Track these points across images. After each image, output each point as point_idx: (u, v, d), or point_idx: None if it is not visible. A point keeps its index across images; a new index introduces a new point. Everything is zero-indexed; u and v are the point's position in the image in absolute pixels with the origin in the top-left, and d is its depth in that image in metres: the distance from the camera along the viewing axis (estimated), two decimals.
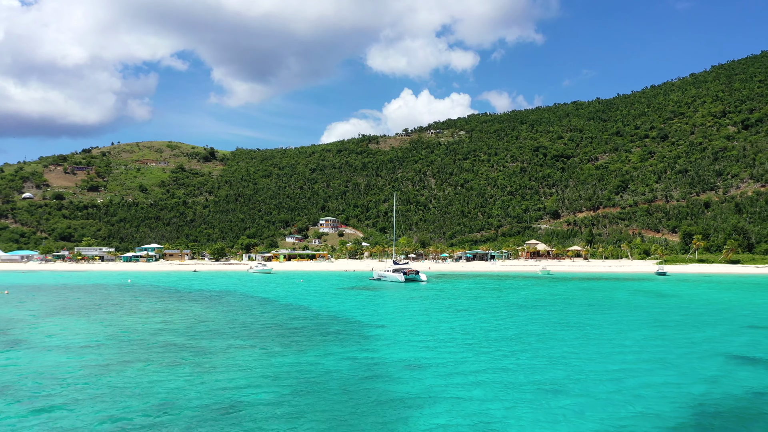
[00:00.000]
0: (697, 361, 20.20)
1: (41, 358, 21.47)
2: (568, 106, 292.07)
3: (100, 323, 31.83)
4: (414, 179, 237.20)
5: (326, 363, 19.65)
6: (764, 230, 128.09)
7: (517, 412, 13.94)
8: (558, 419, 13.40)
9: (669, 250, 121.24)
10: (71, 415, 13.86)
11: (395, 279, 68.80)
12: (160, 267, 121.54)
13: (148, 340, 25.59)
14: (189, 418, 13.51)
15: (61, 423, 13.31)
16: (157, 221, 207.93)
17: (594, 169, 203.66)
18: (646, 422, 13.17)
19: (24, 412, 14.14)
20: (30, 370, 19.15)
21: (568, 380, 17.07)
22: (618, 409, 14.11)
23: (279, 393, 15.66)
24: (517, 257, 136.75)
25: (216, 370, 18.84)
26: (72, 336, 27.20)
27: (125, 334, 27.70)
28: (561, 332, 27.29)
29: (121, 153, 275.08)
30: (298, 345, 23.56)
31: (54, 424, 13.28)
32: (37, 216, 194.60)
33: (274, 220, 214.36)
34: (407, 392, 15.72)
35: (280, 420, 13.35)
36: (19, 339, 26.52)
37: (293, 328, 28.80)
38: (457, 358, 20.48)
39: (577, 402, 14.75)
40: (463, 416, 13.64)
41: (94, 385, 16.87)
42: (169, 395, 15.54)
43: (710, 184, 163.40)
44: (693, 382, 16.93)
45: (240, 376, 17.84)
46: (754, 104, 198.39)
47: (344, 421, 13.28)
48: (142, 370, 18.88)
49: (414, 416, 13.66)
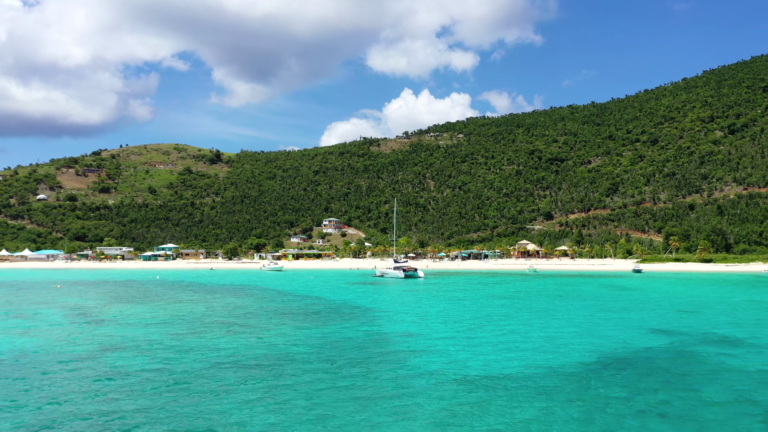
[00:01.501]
0: (617, 331, 27.73)
1: (130, 330, 29.06)
2: (564, 109, 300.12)
3: (157, 308, 39.61)
4: (414, 181, 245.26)
5: (343, 332, 27.43)
6: (743, 231, 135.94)
7: (476, 358, 21.56)
8: (503, 362, 21.10)
9: (652, 250, 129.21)
10: (176, 362, 21.54)
11: (396, 276, 76.63)
12: (178, 265, 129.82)
13: (203, 320, 33.30)
14: (256, 361, 21.24)
15: (171, 365, 21.01)
16: (167, 222, 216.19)
17: (586, 172, 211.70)
18: (559, 361, 20.81)
19: (145, 362, 21.94)
20: (129, 337, 26.64)
21: (515, 341, 24.74)
22: (545, 356, 21.61)
23: (312, 349, 23.29)
24: (508, 256, 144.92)
25: (263, 336, 26.50)
26: (142, 317, 34.87)
27: (182, 315, 35.46)
28: (522, 314, 35.18)
29: (130, 155, 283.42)
30: (320, 322, 31.45)
31: (168, 366, 21.09)
32: (52, 217, 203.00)
33: (279, 220, 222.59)
34: (401, 349, 23.44)
35: (317, 362, 20.99)
36: (103, 319, 34.18)
37: (314, 311, 36.72)
38: (438, 330, 28.26)
39: (519, 353, 22.41)
40: (438, 360, 21.23)
41: (181, 345, 24.38)
42: (236, 350, 23.02)
43: (696, 187, 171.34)
44: (605, 343, 24.36)
45: (282, 339, 25.49)
46: (741, 109, 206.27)
47: (360, 362, 20.78)
48: (210, 336, 26.46)
49: (407, 360, 21.38)
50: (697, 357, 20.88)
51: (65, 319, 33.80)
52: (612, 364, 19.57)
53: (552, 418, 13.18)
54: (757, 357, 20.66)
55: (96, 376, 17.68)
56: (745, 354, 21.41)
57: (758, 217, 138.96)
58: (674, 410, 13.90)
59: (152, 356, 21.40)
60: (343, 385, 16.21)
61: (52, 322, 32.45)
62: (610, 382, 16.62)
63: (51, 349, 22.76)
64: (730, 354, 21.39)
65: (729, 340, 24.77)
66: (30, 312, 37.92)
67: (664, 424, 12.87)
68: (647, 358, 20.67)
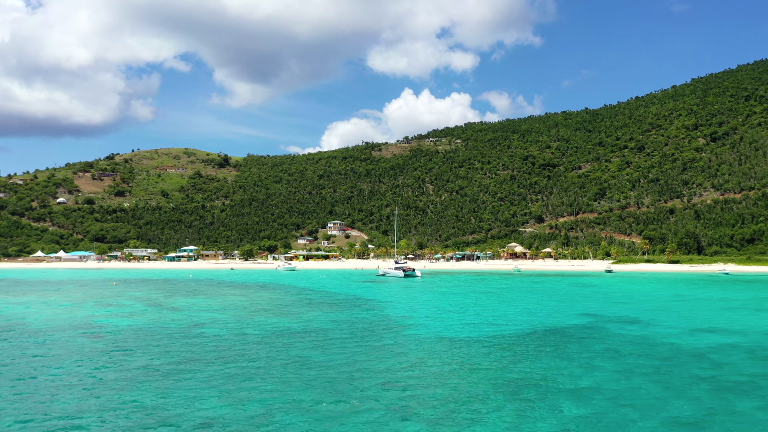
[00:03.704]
0: (554, 314, 39.31)
1: (202, 314, 40.53)
2: (558, 115, 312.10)
3: (210, 300, 51.24)
4: (413, 185, 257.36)
5: (358, 315, 39.24)
6: (716, 234, 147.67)
7: (448, 329, 33.28)
8: (464, 331, 32.83)
9: (631, 252, 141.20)
10: (247, 331, 33.47)
11: (396, 275, 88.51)
12: (200, 265, 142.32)
13: (249, 308, 44.87)
14: (303, 331, 33.06)
15: (245, 332, 32.87)
16: (180, 224, 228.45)
17: (576, 178, 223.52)
18: (502, 331, 32.46)
19: (226, 332, 33.74)
20: (205, 318, 38.02)
21: (476, 319, 36.57)
22: (494, 327, 33.15)
23: (337, 325, 34.85)
24: (499, 258, 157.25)
25: (302, 318, 38.18)
26: (203, 306, 46.38)
27: (233, 304, 47.16)
28: (490, 302, 47.06)
29: (142, 159, 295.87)
30: (340, 309, 43.28)
31: (243, 333, 32.93)
32: (72, 219, 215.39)
33: (286, 222, 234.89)
34: (398, 324, 35.16)
35: (342, 331, 32.65)
36: (175, 307, 45.87)
37: (333, 302, 48.55)
38: (428, 315, 40.02)
39: (476, 326, 34.24)
40: (422, 330, 32.88)
41: (245, 322, 35.84)
42: (286, 326, 34.56)
43: (677, 192, 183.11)
44: (539, 320, 35.74)
45: (316, 319, 37.09)
46: (724, 118, 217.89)
47: (371, 332, 32.36)
48: (262, 318, 38.00)
49: (401, 330, 33.17)
50: (599, 329, 31.38)
51: (147, 308, 44.89)
52: (537, 332, 30.89)
53: (489, 358, 24.32)
54: (640, 330, 31.57)
55: (204, 339, 29.03)
56: (634, 328, 31.74)
57: (731, 221, 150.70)
58: (571, 359, 24.27)
59: (229, 328, 32.26)
60: (361, 343, 27.83)
61: (138, 309, 43.19)
62: (530, 341, 27.98)
63: (156, 326, 33.28)
64: (622, 328, 31.88)
65: (630, 320, 35.69)
66: (115, 302, 49.34)
67: (561, 363, 23.23)
68: (563, 329, 31.72)
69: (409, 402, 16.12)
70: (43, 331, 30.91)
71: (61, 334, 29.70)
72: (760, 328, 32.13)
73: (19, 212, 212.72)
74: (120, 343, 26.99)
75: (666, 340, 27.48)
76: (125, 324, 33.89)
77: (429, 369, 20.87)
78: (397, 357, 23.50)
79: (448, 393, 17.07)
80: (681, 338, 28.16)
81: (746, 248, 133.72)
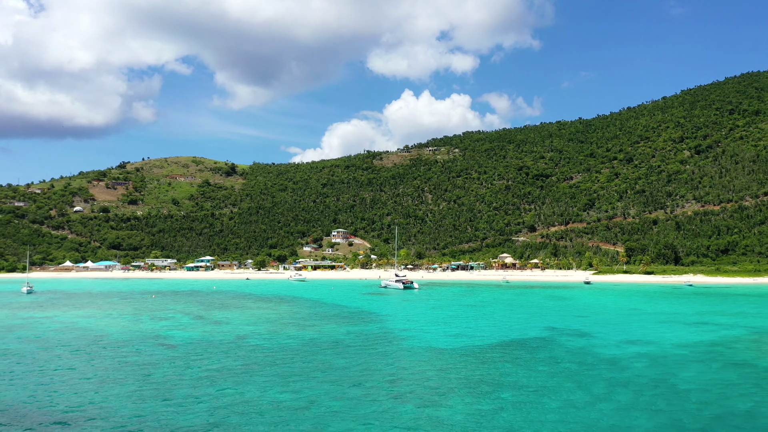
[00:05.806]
0: (521, 327, 50.32)
1: (242, 327, 51.47)
2: (553, 125, 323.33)
3: (243, 314, 62.04)
4: (413, 195, 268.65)
5: (365, 328, 50.19)
6: (694, 245, 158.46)
7: (435, 340, 44.32)
8: (447, 342, 43.79)
9: (614, 262, 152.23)
10: (284, 341, 44.50)
11: (397, 287, 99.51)
12: (217, 275, 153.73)
13: (277, 322, 55.68)
14: (325, 343, 44.08)
15: (283, 343, 43.92)
16: (191, 231, 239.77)
17: (568, 188, 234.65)
18: (475, 342, 43.45)
19: (267, 342, 44.82)
20: (246, 331, 49.28)
21: (458, 332, 47.63)
22: (469, 339, 44.24)
23: (348, 336, 45.67)
24: (490, 267, 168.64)
25: (322, 331, 49.02)
26: (240, 319, 57.18)
27: (265, 317, 58.08)
28: (472, 315, 58.12)
29: (152, 168, 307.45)
30: (350, 322, 54.24)
31: (281, 344, 43.96)
32: (89, 227, 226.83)
33: (292, 230, 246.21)
34: (398, 336, 46.23)
35: (353, 342, 43.77)
36: (216, 321, 56.97)
37: (344, 316, 59.53)
38: (422, 325, 51.09)
39: (457, 338, 45.23)
40: (416, 342, 43.91)
41: (279, 334, 46.85)
42: (312, 336, 45.37)
43: (661, 204, 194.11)
44: (506, 333, 46.73)
45: (332, 332, 47.82)
46: (708, 131, 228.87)
47: (376, 342, 43.49)
48: (291, 330, 49.07)
49: (400, 342, 44.22)
50: (551, 341, 41.54)
51: (194, 321, 55.52)
52: (502, 344, 41.61)
53: (461, 362, 34.99)
54: (582, 341, 41.66)
55: (251, 348, 39.88)
56: (578, 340, 42.01)
57: (708, 233, 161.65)
58: (520, 364, 34.92)
59: (267, 339, 43.08)
60: (370, 351, 38.81)
61: (188, 323, 53.79)
62: (495, 351, 38.75)
63: (210, 338, 44.13)
64: (569, 340, 42.05)
65: (579, 333, 45.79)
66: (164, 315, 60.24)
67: (511, 366, 34.19)
68: (523, 341, 42.29)
69: (405, 392, 27.10)
70: (130, 342, 41.13)
71: (144, 345, 39.65)
72: (672, 340, 42.08)
73: (39, 221, 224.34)
74: (190, 351, 37.07)
75: (596, 350, 36.94)
76: (186, 336, 44.28)
77: (419, 370, 31.77)
78: (397, 361, 34.42)
79: (430, 386, 28.00)
80: (608, 349, 37.58)
81: (720, 258, 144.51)
